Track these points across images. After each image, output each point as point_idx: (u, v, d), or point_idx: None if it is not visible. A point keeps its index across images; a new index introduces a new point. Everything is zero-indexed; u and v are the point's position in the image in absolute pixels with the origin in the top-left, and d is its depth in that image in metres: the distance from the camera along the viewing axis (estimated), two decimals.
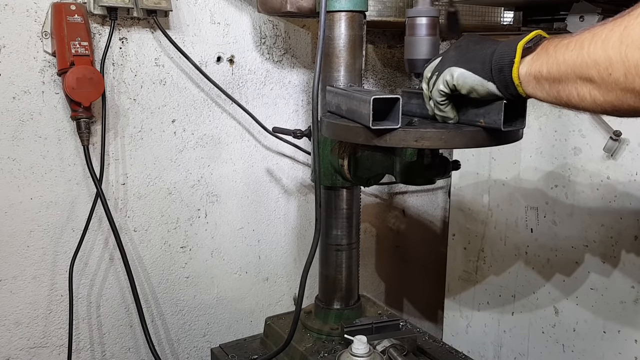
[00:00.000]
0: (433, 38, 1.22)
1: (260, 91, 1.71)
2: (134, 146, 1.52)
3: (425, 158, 1.12)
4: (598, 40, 0.68)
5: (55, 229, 1.45)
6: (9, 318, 1.44)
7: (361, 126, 1.00)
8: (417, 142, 0.97)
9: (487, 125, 0.96)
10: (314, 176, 1.26)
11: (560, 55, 0.75)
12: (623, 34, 0.65)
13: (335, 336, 1.40)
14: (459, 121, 1.01)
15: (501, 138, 0.99)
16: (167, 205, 1.61)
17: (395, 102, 0.96)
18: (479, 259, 1.88)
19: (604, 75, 0.68)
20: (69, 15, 1.30)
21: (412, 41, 1.23)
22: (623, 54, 0.65)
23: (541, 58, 0.80)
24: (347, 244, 1.44)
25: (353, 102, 1.06)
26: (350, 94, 1.08)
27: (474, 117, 0.98)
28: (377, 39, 1.93)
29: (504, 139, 0.99)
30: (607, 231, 1.50)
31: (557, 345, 1.66)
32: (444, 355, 1.43)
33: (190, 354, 1.75)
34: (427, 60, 1.10)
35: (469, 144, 0.98)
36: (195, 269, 1.70)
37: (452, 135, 0.96)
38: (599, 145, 1.48)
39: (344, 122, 1.07)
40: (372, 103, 0.94)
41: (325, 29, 1.23)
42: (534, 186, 1.67)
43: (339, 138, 1.20)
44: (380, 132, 0.97)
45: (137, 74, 1.49)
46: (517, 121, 0.95)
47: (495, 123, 0.93)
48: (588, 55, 0.70)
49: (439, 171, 1.15)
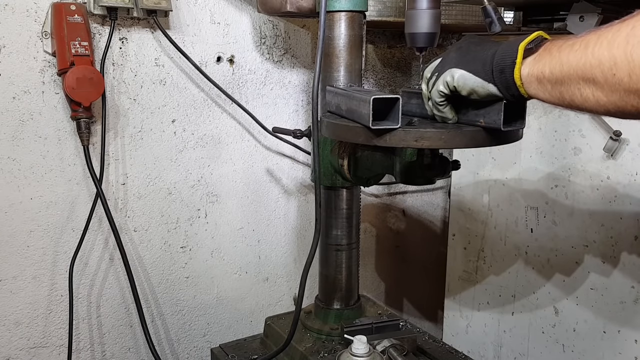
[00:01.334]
0: (434, 11, 1.21)
1: (260, 91, 1.71)
2: (134, 146, 1.52)
3: (425, 158, 1.12)
4: (604, 40, 0.68)
5: (55, 229, 1.45)
6: (9, 318, 1.44)
7: (361, 126, 1.00)
8: (417, 142, 0.97)
9: (487, 125, 0.96)
10: (314, 176, 1.26)
11: (564, 56, 0.75)
12: (630, 34, 0.64)
13: (335, 336, 1.40)
14: (459, 121, 1.01)
15: (501, 138, 0.98)
16: (167, 205, 1.61)
17: (395, 102, 0.96)
18: (479, 259, 1.88)
19: (607, 76, 0.67)
20: (69, 15, 1.30)
21: (413, 14, 1.22)
22: (628, 54, 0.64)
23: (544, 59, 0.79)
24: (347, 244, 1.44)
25: (353, 102, 1.06)
26: (350, 94, 1.08)
27: (473, 117, 0.98)
28: (377, 39, 1.93)
29: (504, 139, 0.99)
30: (607, 231, 1.50)
31: (557, 345, 1.66)
32: (444, 355, 1.43)
33: (190, 354, 1.76)
34: (428, 34, 1.09)
35: (469, 143, 0.98)
36: (195, 269, 1.70)
37: (452, 135, 0.96)
38: (599, 145, 1.48)
39: (344, 122, 1.07)
40: (372, 103, 0.94)
41: (325, 29, 1.23)
42: (534, 186, 1.67)
43: (338, 138, 1.20)
44: (380, 132, 0.97)
45: (137, 74, 1.49)
46: (517, 121, 0.95)
47: (495, 123, 0.93)
48: (592, 56, 0.69)
49: (439, 171, 1.15)
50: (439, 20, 1.23)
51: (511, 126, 0.94)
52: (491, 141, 0.98)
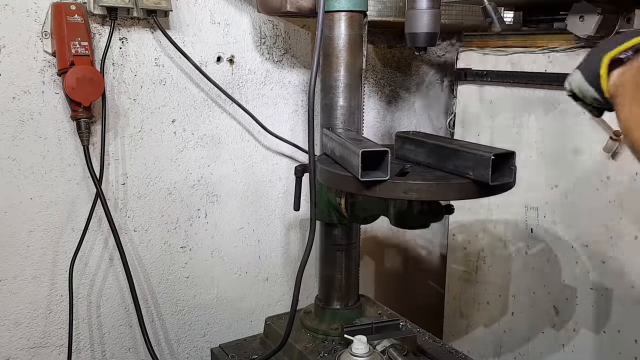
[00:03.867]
0: (434, 11, 1.21)
1: (260, 91, 1.71)
2: (134, 146, 1.52)
3: (415, 207, 1.14)
4: None
5: (55, 229, 1.45)
6: (9, 318, 1.44)
7: (352, 176, 1.02)
8: (405, 193, 0.98)
9: (475, 179, 0.96)
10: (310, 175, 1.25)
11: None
12: None
13: (335, 336, 1.40)
14: (449, 171, 1.02)
15: (489, 190, 0.99)
16: (167, 205, 1.61)
17: (385, 154, 0.97)
18: (479, 258, 1.88)
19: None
20: (69, 15, 1.30)
21: (413, 14, 1.22)
22: None
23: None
24: (347, 243, 1.44)
25: (345, 151, 1.08)
26: (343, 142, 1.10)
27: (463, 169, 0.99)
28: (377, 39, 1.93)
29: (491, 191, 1.00)
30: (607, 231, 1.50)
31: (557, 346, 1.66)
32: (444, 355, 1.43)
33: (190, 353, 1.76)
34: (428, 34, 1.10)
35: (457, 196, 1.00)
36: (195, 269, 1.70)
37: (440, 188, 0.98)
38: (598, 145, 1.48)
39: (337, 169, 1.09)
40: (360, 156, 0.96)
41: (324, 29, 1.23)
42: (534, 186, 1.67)
43: (332, 186, 1.22)
44: (370, 182, 0.98)
45: (137, 74, 1.49)
46: (505, 175, 0.96)
47: (483, 177, 0.94)
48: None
49: (432, 217, 1.17)
50: (439, 20, 1.22)
51: (499, 180, 0.94)
52: (480, 193, 0.99)
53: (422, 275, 2.24)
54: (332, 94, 1.34)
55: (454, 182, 0.98)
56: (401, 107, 2.04)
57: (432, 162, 1.10)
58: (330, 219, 1.36)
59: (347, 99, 1.34)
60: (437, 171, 1.07)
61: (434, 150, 1.10)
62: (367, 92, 1.92)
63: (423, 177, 1.00)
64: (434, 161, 1.09)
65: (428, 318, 2.27)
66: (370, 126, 1.97)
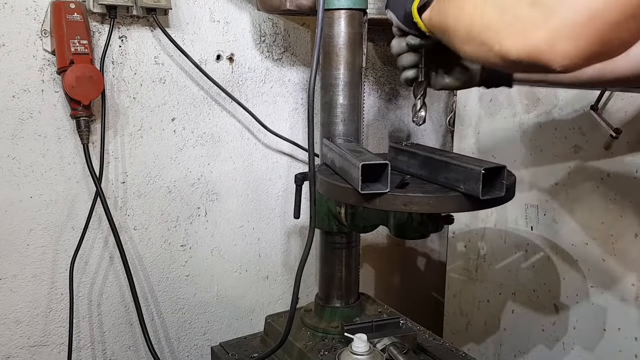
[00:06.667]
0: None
1: (259, 89, 1.71)
2: (133, 144, 1.52)
3: (415, 219, 1.15)
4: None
5: (55, 227, 1.45)
6: (9, 317, 1.44)
7: (352, 188, 1.02)
8: (405, 206, 0.99)
9: (466, 192, 0.96)
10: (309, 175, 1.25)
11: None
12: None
13: (335, 334, 1.40)
14: (443, 184, 1.02)
15: (480, 204, 0.99)
16: (167, 203, 1.61)
17: (385, 167, 0.97)
18: (479, 257, 1.88)
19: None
20: (69, 14, 1.30)
21: None
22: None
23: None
24: (347, 242, 1.44)
25: (345, 163, 1.08)
26: (344, 153, 1.10)
27: (454, 182, 1.00)
28: (376, 37, 1.92)
29: (486, 204, 1.00)
30: (607, 229, 1.50)
31: (557, 343, 1.66)
32: (444, 354, 1.43)
33: (191, 352, 1.76)
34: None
35: (456, 208, 1.01)
36: (195, 267, 1.70)
37: (440, 201, 0.98)
38: (598, 142, 1.48)
39: (337, 181, 1.09)
40: (361, 169, 0.96)
41: (324, 27, 1.22)
42: (534, 184, 1.67)
43: (332, 197, 1.22)
44: (370, 195, 0.98)
45: (136, 73, 1.49)
46: (496, 188, 0.96)
47: (473, 191, 0.95)
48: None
49: (431, 228, 1.17)
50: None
51: (489, 194, 0.95)
52: (478, 206, 0.99)
53: (422, 274, 2.24)
54: (332, 92, 1.34)
55: (452, 195, 0.99)
56: (401, 105, 2.04)
57: (424, 174, 1.10)
58: (330, 228, 1.37)
59: (347, 97, 1.34)
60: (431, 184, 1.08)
61: (426, 162, 1.10)
62: (367, 90, 1.92)
63: (422, 190, 1.00)
64: (426, 173, 1.10)
65: (428, 316, 2.27)
66: (370, 124, 1.97)
